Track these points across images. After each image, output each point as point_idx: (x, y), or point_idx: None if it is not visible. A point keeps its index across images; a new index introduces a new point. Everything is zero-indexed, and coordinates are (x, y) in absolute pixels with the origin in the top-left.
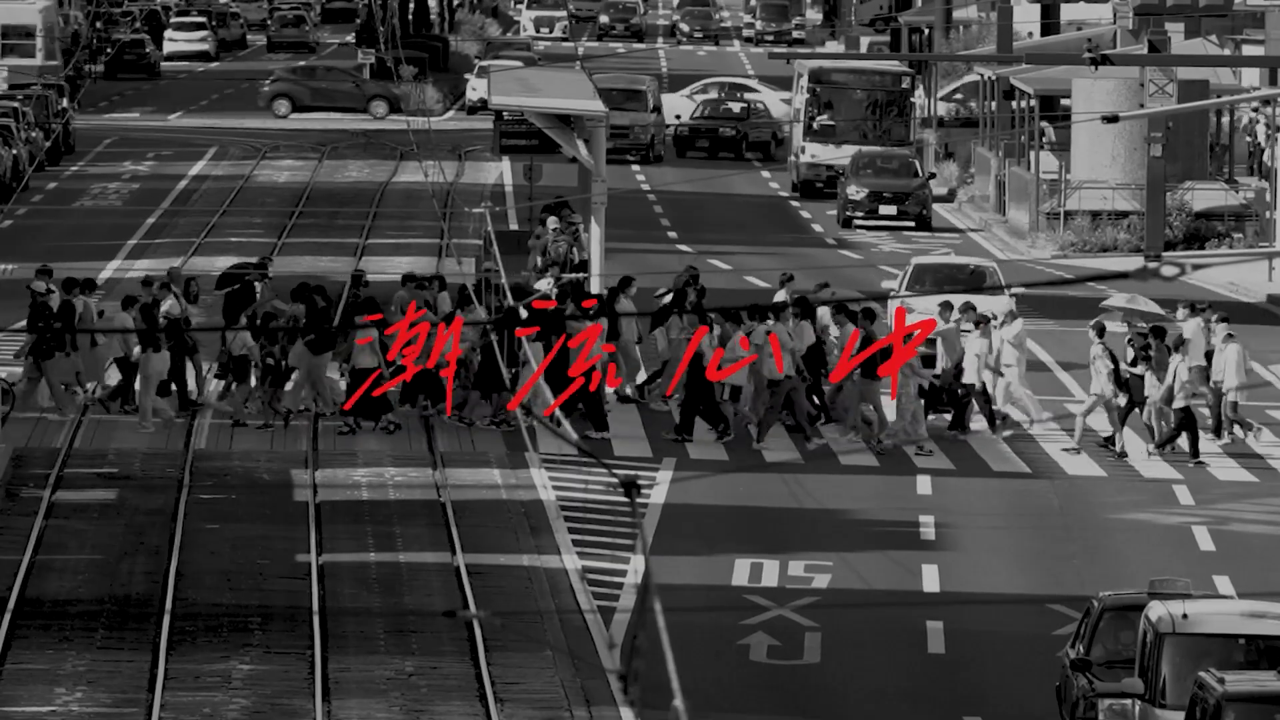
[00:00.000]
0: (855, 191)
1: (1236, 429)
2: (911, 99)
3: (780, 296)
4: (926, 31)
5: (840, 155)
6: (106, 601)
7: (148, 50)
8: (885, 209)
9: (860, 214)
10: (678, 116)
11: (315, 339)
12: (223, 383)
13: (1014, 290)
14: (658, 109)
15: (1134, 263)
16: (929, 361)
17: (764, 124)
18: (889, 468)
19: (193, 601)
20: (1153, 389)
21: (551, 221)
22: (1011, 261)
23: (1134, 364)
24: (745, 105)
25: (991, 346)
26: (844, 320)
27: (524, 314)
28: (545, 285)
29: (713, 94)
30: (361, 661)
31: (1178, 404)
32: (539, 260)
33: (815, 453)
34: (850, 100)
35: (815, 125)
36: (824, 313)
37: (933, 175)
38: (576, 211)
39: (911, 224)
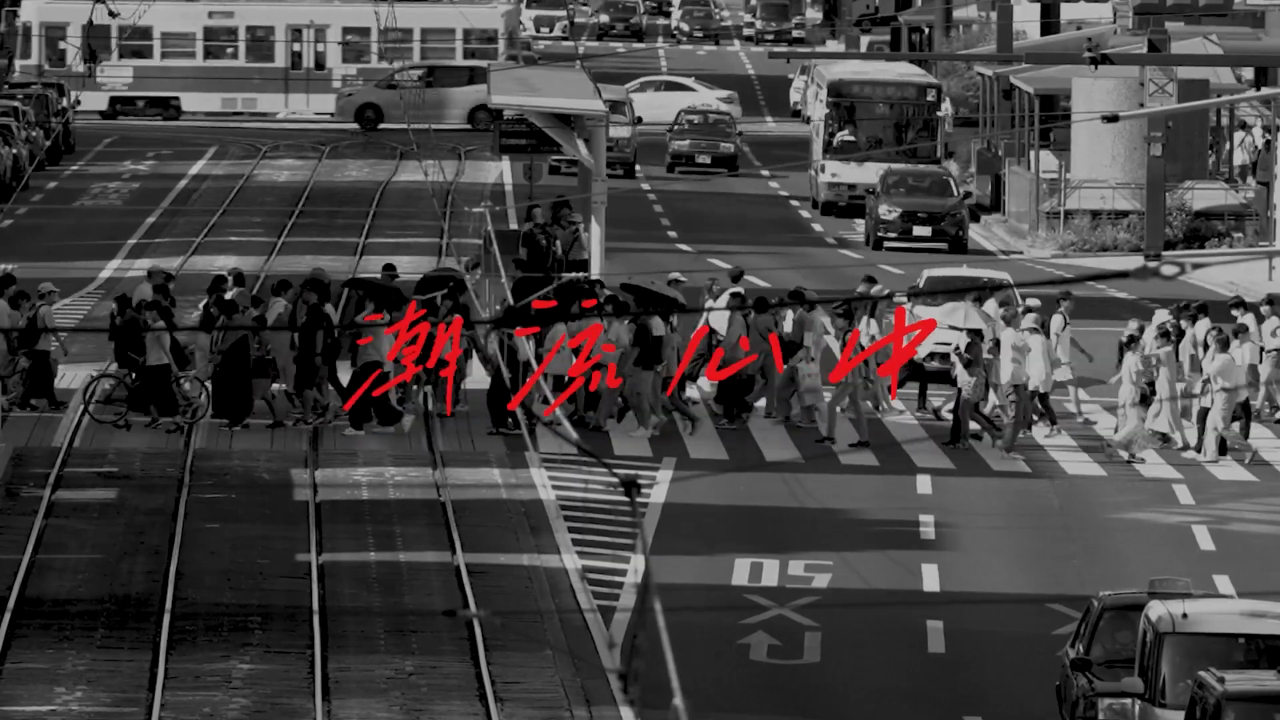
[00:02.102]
0: (887, 211)
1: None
2: (938, 112)
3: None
4: (926, 31)
5: (864, 174)
6: (106, 601)
7: None
8: (919, 230)
9: (892, 235)
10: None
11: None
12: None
13: (1019, 290)
14: (640, 119)
15: (1134, 262)
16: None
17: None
18: (889, 467)
19: (193, 601)
20: (966, 386)
21: (537, 214)
22: (1012, 261)
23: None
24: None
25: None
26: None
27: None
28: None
29: (649, 93)
30: (361, 661)
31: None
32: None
33: (815, 452)
34: (873, 115)
35: (836, 142)
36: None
37: (969, 194)
38: (576, 211)
39: (944, 246)
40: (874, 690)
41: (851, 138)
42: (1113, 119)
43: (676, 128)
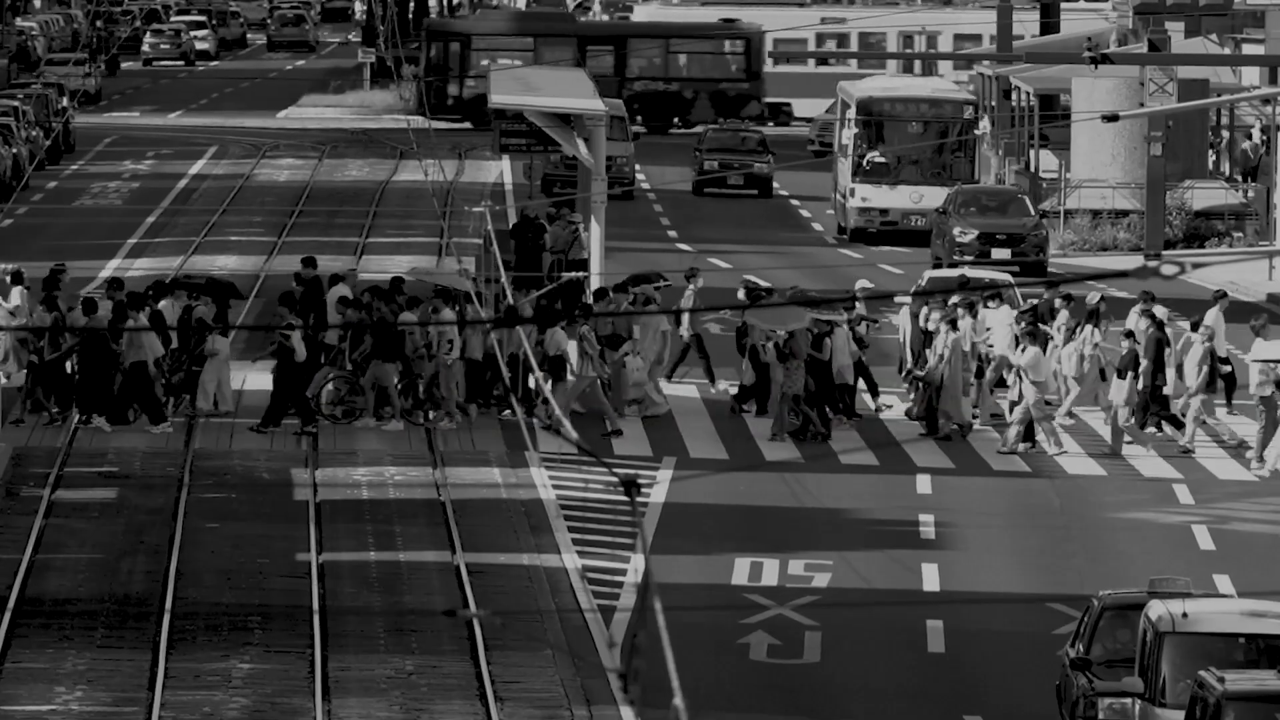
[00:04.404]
0: (961, 233)
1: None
2: (976, 130)
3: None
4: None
5: (897, 198)
6: (106, 600)
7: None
8: (998, 252)
9: (969, 259)
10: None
11: None
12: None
13: (1021, 290)
14: (637, 135)
15: (1134, 261)
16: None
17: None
18: (889, 467)
19: (193, 600)
20: (785, 380)
21: (527, 208)
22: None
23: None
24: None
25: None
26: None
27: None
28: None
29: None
30: (361, 660)
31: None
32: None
33: (815, 452)
34: (906, 134)
35: (866, 164)
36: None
37: (1044, 214)
38: (577, 210)
39: (1016, 268)
40: (874, 690)
41: (883, 159)
42: (1113, 119)
43: (703, 146)
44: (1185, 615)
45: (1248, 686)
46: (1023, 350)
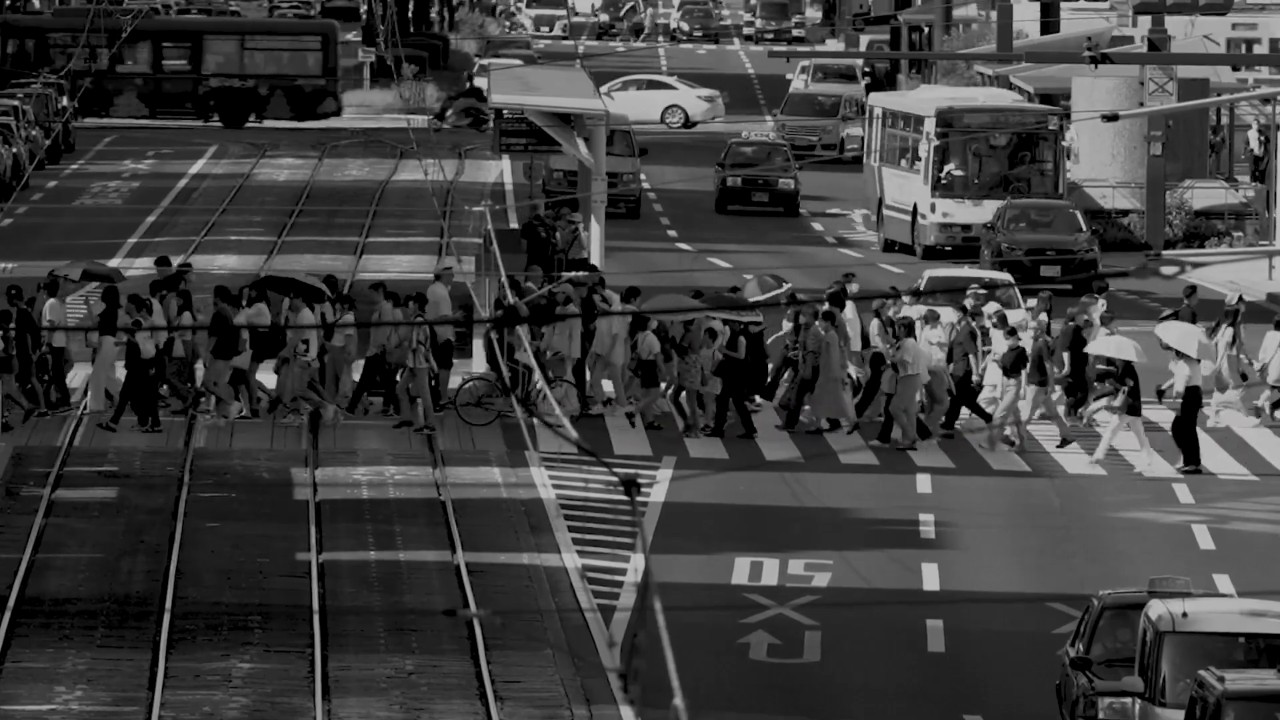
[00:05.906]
0: (1009, 250)
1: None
2: (1062, 142)
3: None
4: (926, 30)
5: (981, 214)
6: (106, 600)
7: None
8: (1047, 270)
9: (1016, 276)
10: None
11: None
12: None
13: (1020, 290)
14: (644, 150)
15: (1134, 261)
16: None
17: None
18: (889, 466)
19: (193, 600)
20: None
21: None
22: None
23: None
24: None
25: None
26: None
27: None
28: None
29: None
30: (361, 660)
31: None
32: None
33: (815, 451)
34: (987, 147)
35: (945, 178)
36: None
37: (1096, 231)
38: (578, 210)
39: (1069, 287)
40: (874, 689)
41: (961, 172)
42: (1113, 118)
43: (726, 161)
44: (1185, 615)
45: (1248, 686)
46: (897, 347)
